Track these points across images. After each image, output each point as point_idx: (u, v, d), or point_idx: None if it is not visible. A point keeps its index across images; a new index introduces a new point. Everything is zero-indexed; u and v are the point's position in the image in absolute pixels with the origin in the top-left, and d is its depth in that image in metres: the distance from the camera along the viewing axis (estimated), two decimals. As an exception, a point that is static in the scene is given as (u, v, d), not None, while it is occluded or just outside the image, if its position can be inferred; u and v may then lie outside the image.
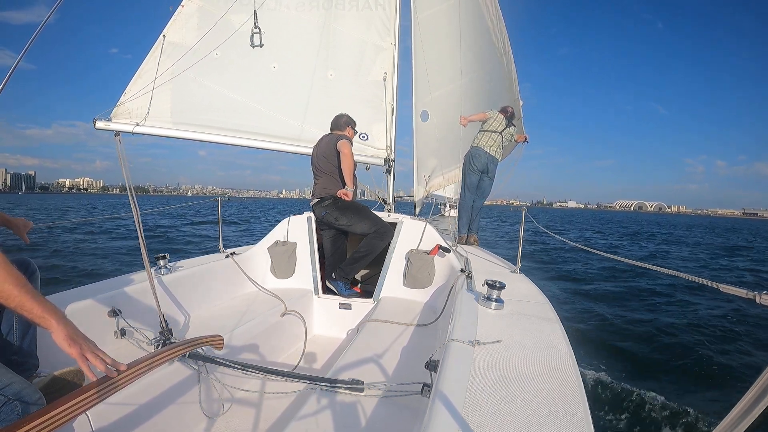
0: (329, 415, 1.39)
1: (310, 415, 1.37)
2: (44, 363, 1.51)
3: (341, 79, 4.05)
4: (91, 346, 1.05)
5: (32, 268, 1.55)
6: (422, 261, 2.91)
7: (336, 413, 1.41)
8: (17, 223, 1.77)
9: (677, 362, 4.70)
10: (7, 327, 1.40)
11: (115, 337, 1.99)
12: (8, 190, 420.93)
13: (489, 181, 4.38)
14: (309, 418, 1.36)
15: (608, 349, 4.97)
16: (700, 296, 7.72)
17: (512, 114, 4.39)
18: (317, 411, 1.41)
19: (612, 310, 6.87)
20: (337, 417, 1.39)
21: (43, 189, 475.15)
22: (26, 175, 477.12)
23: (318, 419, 1.36)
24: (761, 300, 0.81)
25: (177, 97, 3.59)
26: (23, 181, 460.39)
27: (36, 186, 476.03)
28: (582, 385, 1.11)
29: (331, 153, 3.04)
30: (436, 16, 4.79)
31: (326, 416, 1.38)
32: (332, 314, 3.00)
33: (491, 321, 1.59)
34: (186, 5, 3.55)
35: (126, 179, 2.03)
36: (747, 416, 0.56)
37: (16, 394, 1.06)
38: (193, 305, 2.52)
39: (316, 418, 1.37)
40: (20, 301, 0.99)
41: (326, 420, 1.37)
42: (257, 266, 3.20)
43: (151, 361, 1.22)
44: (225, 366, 1.62)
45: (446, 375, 1.10)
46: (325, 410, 1.41)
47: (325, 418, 1.38)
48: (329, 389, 1.52)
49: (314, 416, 1.37)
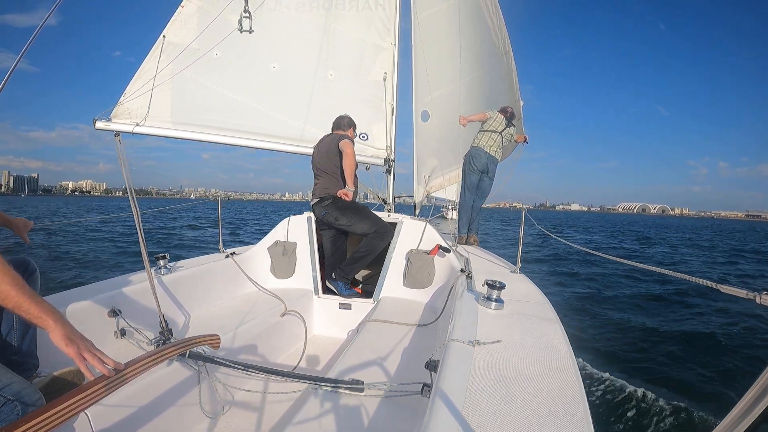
0: (329, 415, 1.39)
1: (310, 416, 1.37)
2: (44, 363, 1.51)
3: (341, 79, 4.05)
4: (89, 346, 1.06)
5: (32, 268, 1.55)
6: (422, 261, 2.91)
7: (336, 413, 1.41)
8: (17, 224, 1.77)
9: (677, 362, 4.70)
10: (6, 327, 1.40)
11: (115, 337, 1.99)
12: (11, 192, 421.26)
13: (489, 181, 4.38)
14: (309, 418, 1.36)
15: (608, 350, 4.97)
16: (700, 297, 7.73)
17: (512, 114, 4.40)
18: (317, 411, 1.40)
19: (612, 311, 6.87)
20: (337, 417, 1.39)
21: (46, 191, 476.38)
22: (29, 178, 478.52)
23: (318, 419, 1.36)
24: (761, 300, 0.81)
25: (177, 97, 3.59)
26: (26, 183, 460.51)
27: (39, 188, 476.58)
28: (582, 385, 1.11)
29: (332, 152, 3.04)
30: (436, 15, 4.79)
31: (326, 416, 1.38)
32: (332, 314, 3.00)
33: (491, 321, 1.59)
34: (186, 6, 3.55)
35: (126, 180, 2.03)
36: (747, 416, 0.56)
37: (16, 395, 1.06)
38: (193, 305, 2.52)
39: (316, 418, 1.37)
40: (17, 301, 1.00)
41: (326, 420, 1.37)
42: (257, 266, 3.20)
43: (148, 361, 1.23)
44: (225, 366, 1.62)
45: (446, 375, 1.10)
46: (325, 410, 1.41)
47: (325, 418, 1.38)
48: (329, 389, 1.52)
49: (314, 416, 1.37)
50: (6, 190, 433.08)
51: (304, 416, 1.37)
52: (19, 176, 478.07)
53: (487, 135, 4.28)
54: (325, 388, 1.52)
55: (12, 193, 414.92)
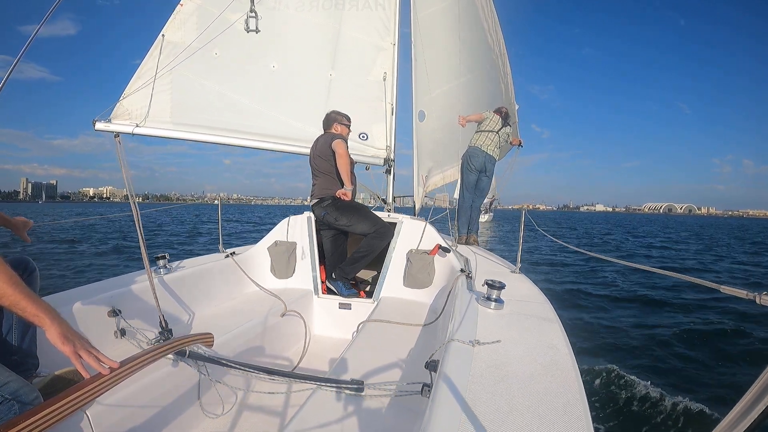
0: (329, 415, 1.39)
1: (310, 416, 1.37)
2: (45, 363, 1.51)
3: (341, 78, 4.04)
4: (85, 344, 1.06)
5: (31, 267, 1.55)
6: (422, 261, 2.91)
7: (336, 413, 1.40)
8: (17, 223, 1.77)
9: (677, 362, 4.71)
10: (6, 327, 1.40)
11: (115, 337, 1.99)
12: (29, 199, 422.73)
13: (487, 180, 4.40)
14: (309, 418, 1.36)
15: (608, 350, 4.97)
16: (700, 297, 7.73)
17: (506, 114, 4.43)
18: (317, 411, 1.40)
19: (612, 311, 6.87)
20: (337, 417, 1.39)
21: (65, 198, 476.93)
22: (47, 185, 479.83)
23: (318, 419, 1.36)
24: (761, 300, 0.81)
25: (177, 97, 3.58)
26: (44, 190, 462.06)
27: (57, 195, 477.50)
28: (582, 385, 1.11)
29: (326, 153, 3.01)
30: (434, 15, 4.79)
31: (326, 416, 1.38)
32: (332, 314, 3.00)
33: (491, 321, 1.59)
34: (185, 4, 3.54)
35: (126, 180, 2.03)
36: (747, 416, 0.56)
37: (13, 393, 1.07)
38: (193, 305, 2.52)
39: (316, 418, 1.37)
40: (14, 299, 1.00)
41: (326, 420, 1.37)
42: (257, 266, 3.20)
43: (143, 359, 1.23)
44: (225, 366, 1.62)
45: (446, 375, 1.10)
46: (325, 410, 1.41)
47: (325, 418, 1.37)
48: (329, 389, 1.51)
49: (314, 416, 1.37)
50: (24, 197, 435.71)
51: (304, 416, 1.36)
52: (37, 183, 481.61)
53: (484, 135, 4.30)
54: (325, 388, 1.52)
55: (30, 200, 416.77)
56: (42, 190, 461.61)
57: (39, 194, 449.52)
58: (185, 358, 1.57)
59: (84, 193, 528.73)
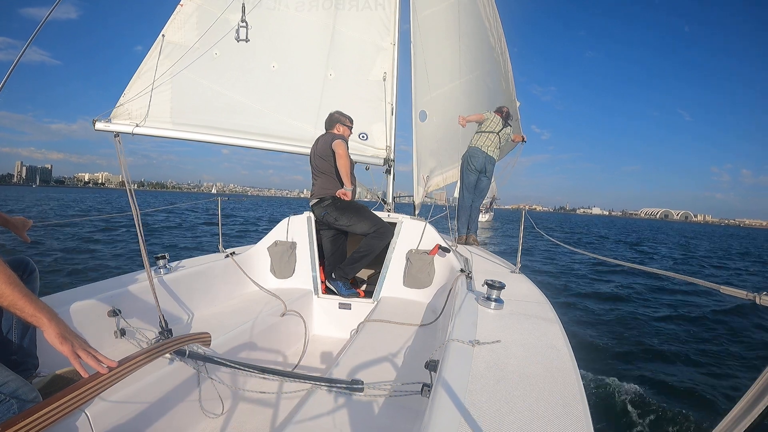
0: (329, 415, 1.39)
1: (310, 415, 1.37)
2: (45, 363, 1.51)
3: (341, 78, 4.04)
4: (83, 344, 1.06)
5: (31, 268, 1.55)
6: (422, 261, 2.91)
7: (336, 413, 1.40)
8: (16, 223, 1.76)
9: (677, 362, 4.71)
10: (6, 326, 1.40)
11: (114, 337, 1.99)
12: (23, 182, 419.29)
13: (487, 181, 4.40)
14: (309, 418, 1.36)
15: (608, 350, 4.97)
16: (701, 298, 7.74)
17: (507, 114, 4.43)
18: (317, 411, 1.40)
19: (612, 311, 6.87)
20: (337, 417, 1.39)
21: (59, 183, 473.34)
22: (42, 168, 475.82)
23: (318, 419, 1.36)
24: (761, 301, 0.81)
25: (176, 97, 3.58)
26: (38, 174, 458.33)
27: (52, 179, 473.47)
28: (582, 385, 1.11)
29: (327, 153, 3.02)
30: (435, 15, 4.79)
31: (326, 416, 1.38)
32: (332, 314, 3.00)
33: (491, 321, 1.59)
34: (185, 4, 3.54)
35: (125, 180, 2.02)
36: (747, 416, 0.56)
37: (12, 393, 1.07)
38: (193, 305, 2.52)
39: (315, 418, 1.37)
40: (12, 299, 1.00)
41: (326, 420, 1.37)
42: (257, 266, 3.20)
43: (141, 358, 1.23)
44: (225, 366, 1.62)
45: (446, 375, 1.10)
46: (324, 410, 1.41)
47: (325, 418, 1.37)
48: (329, 389, 1.51)
49: (314, 416, 1.37)
50: (18, 180, 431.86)
51: (303, 416, 1.36)
52: (32, 167, 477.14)
53: (484, 135, 4.31)
54: (325, 388, 1.52)
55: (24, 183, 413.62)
56: (36, 174, 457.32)
57: (33, 178, 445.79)
58: (185, 357, 1.57)
59: (79, 179, 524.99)
